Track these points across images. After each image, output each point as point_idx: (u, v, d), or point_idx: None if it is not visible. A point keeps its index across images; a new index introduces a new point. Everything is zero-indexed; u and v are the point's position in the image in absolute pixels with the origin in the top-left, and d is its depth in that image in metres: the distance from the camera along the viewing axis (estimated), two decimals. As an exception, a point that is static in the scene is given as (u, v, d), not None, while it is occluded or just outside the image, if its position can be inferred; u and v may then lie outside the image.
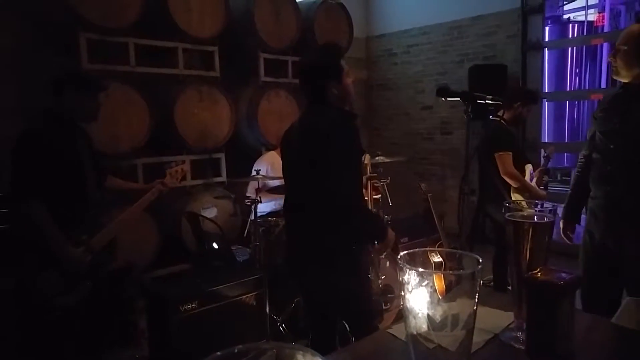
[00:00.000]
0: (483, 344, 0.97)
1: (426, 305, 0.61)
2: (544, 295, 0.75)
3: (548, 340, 0.74)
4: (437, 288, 0.62)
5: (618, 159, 2.02)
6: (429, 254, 0.72)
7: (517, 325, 0.98)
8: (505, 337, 1.00)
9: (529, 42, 5.38)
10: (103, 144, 3.47)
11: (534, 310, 0.77)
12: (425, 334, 0.62)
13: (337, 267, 1.93)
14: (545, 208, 1.01)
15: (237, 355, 0.43)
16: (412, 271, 0.61)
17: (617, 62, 2.03)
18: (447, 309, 0.61)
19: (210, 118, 4.15)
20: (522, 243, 0.94)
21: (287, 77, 4.82)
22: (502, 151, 3.37)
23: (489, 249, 3.84)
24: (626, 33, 2.02)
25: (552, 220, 0.95)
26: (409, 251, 0.68)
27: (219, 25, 4.20)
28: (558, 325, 0.72)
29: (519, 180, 3.36)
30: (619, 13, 7.63)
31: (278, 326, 3.13)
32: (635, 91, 2.02)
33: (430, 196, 3.91)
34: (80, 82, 2.37)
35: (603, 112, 2.13)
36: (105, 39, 3.59)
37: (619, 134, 2.01)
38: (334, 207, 1.89)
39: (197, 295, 2.65)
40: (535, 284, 0.76)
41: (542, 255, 0.94)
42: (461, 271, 0.62)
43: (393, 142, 6.71)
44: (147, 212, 3.69)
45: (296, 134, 2.05)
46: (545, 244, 0.95)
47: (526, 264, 0.93)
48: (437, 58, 6.19)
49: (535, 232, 0.93)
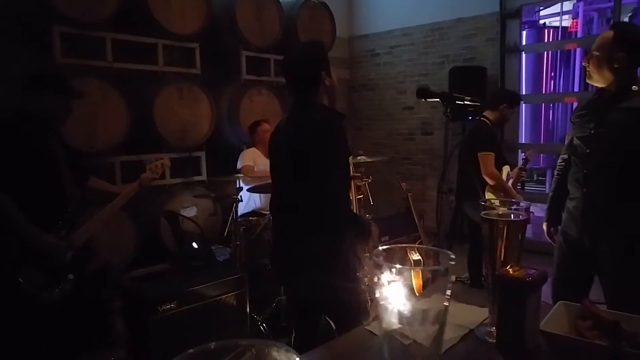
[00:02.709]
0: (459, 339, 0.99)
1: (399, 301, 0.62)
2: (513, 291, 0.77)
3: (517, 335, 0.75)
4: (414, 285, 0.63)
5: (594, 162, 2.10)
6: (408, 252, 0.73)
7: (491, 321, 1.00)
8: (480, 332, 1.02)
9: (507, 45, 5.48)
10: (78, 142, 3.41)
11: (504, 305, 0.79)
12: (400, 329, 0.62)
13: (324, 267, 1.93)
14: (520, 207, 1.03)
15: (214, 351, 0.43)
16: (386, 267, 0.62)
17: (590, 67, 2.10)
18: (419, 305, 0.62)
19: (191, 116, 4.11)
20: (496, 241, 0.96)
21: (270, 76, 4.81)
22: (485, 151, 3.43)
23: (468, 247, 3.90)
24: (600, 39, 2.09)
25: (526, 219, 0.97)
26: (385, 247, 0.68)
27: (200, 22, 4.17)
28: (526, 320, 0.74)
29: (498, 181, 3.41)
30: (591, 19, 7.86)
31: (259, 326, 3.13)
32: (608, 97, 2.09)
33: (411, 195, 3.95)
34: (61, 86, 2.33)
35: (579, 118, 2.20)
36: (81, 33, 3.52)
37: (594, 139, 2.09)
38: (321, 208, 1.90)
39: (176, 295, 2.63)
40: (504, 280, 0.78)
41: (515, 253, 0.96)
42: (433, 267, 0.63)
43: (375, 142, 6.75)
44: (125, 212, 3.65)
45: (284, 134, 2.05)
46: (518, 242, 0.97)
47: (500, 261, 0.95)
48: (418, 59, 6.25)
49: (509, 230, 0.96)
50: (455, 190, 3.89)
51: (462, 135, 5.59)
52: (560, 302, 0.96)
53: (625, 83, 2.04)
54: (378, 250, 0.66)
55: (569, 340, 0.82)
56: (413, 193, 4.02)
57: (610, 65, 2.02)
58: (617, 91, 2.06)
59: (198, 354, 0.42)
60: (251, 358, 0.43)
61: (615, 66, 2.01)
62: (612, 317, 0.84)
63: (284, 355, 0.42)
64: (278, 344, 0.43)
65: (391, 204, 5.58)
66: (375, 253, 0.66)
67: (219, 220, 4.18)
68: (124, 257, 3.68)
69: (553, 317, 0.89)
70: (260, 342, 0.44)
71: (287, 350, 0.42)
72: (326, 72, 2.00)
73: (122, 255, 3.66)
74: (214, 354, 0.43)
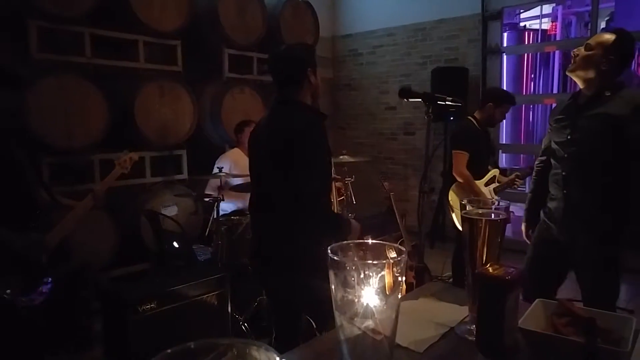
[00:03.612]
0: (439, 337, 1.00)
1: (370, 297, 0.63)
2: (493, 289, 0.77)
3: (496, 332, 0.76)
4: (385, 282, 0.64)
5: (571, 165, 2.17)
6: (386, 249, 0.73)
7: (472, 319, 1.01)
8: (460, 330, 1.03)
9: (489, 46, 5.55)
10: (55, 139, 3.35)
11: (484, 303, 0.80)
12: (357, 322, 0.64)
13: (304, 266, 1.93)
14: (500, 206, 1.04)
15: (194, 351, 0.43)
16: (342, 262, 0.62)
17: (579, 60, 2.12)
18: (390, 301, 0.62)
19: (172, 114, 4.06)
20: (476, 239, 0.97)
21: (252, 74, 4.78)
22: (458, 150, 3.45)
23: (450, 247, 3.93)
24: (598, 38, 2.12)
25: (505, 218, 0.99)
26: (353, 242, 0.69)
27: (182, 19, 4.12)
28: (505, 318, 0.75)
29: (467, 181, 3.42)
30: (570, 23, 8.04)
31: (240, 325, 3.11)
32: (583, 103, 2.15)
33: (393, 195, 3.97)
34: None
35: (556, 123, 2.26)
36: (59, 28, 3.45)
37: (570, 144, 2.16)
38: (301, 208, 1.89)
39: (156, 295, 2.59)
40: (483, 278, 0.79)
41: (495, 251, 0.97)
42: (381, 260, 0.64)
43: (358, 141, 6.77)
44: (104, 211, 3.59)
45: (264, 132, 2.04)
46: (497, 241, 0.98)
47: (480, 260, 0.96)
48: (401, 59, 6.29)
49: (489, 229, 0.97)
50: (441, 189, 3.91)
51: (443, 135, 5.64)
52: (538, 299, 0.98)
53: (602, 88, 2.09)
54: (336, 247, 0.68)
55: (546, 337, 0.84)
56: (395, 193, 4.04)
57: (598, 66, 2.07)
58: (592, 96, 2.11)
59: (177, 353, 0.42)
60: (232, 358, 0.43)
61: (602, 68, 2.06)
62: (588, 314, 0.86)
63: (264, 355, 0.41)
64: (258, 343, 0.43)
65: (373, 203, 5.60)
66: (334, 249, 0.67)
67: (200, 219, 4.15)
68: (104, 257, 3.62)
69: (531, 315, 0.91)
70: (240, 341, 0.43)
71: (267, 350, 0.42)
72: (312, 70, 2.01)
73: (101, 255, 3.60)
74: (194, 353, 0.43)
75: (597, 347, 0.71)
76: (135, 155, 2.88)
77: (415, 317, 1.09)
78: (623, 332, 0.83)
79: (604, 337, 0.77)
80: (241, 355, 0.43)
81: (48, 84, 3.33)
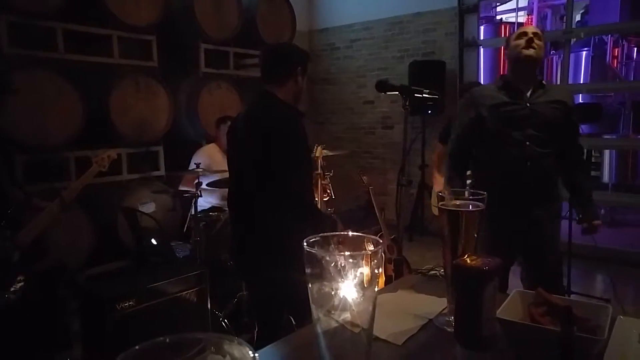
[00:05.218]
0: (418, 329, 1.00)
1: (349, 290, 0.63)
2: (470, 280, 0.78)
3: (474, 323, 0.77)
4: (363, 274, 0.64)
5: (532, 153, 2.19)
6: (365, 242, 0.73)
7: (450, 310, 1.01)
8: (439, 321, 1.03)
9: (466, 40, 5.60)
10: (28, 136, 3.28)
11: (461, 294, 0.80)
12: (334, 315, 0.63)
13: (284, 262, 1.92)
14: (477, 197, 1.05)
15: (169, 346, 0.42)
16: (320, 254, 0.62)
17: (540, 42, 2.16)
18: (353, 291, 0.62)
19: (148, 110, 4.00)
20: (453, 231, 0.98)
21: (229, 69, 4.73)
22: (440, 142, 3.51)
23: (428, 240, 3.97)
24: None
25: (482, 209, 0.99)
26: (330, 234, 0.69)
27: (157, 13, 4.05)
28: (483, 308, 0.76)
29: (438, 172, 3.52)
30: (545, 16, 8.17)
31: (220, 322, 3.09)
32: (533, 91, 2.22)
33: (372, 189, 3.99)
34: None
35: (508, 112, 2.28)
36: (30, 23, 3.36)
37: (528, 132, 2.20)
38: (282, 202, 1.88)
39: (134, 292, 2.55)
40: (461, 269, 0.79)
41: (472, 243, 0.98)
42: (358, 252, 0.64)
43: (336, 136, 6.77)
44: (80, 208, 3.52)
45: (243, 128, 2.02)
46: (475, 232, 0.99)
47: (458, 251, 0.97)
48: (378, 53, 6.30)
49: (466, 220, 0.97)
50: (419, 182, 3.96)
51: (421, 128, 5.69)
52: (515, 290, 0.99)
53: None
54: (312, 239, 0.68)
55: (524, 326, 0.85)
56: (374, 186, 4.06)
57: None
58: (538, 84, 2.21)
59: (145, 350, 0.41)
60: (210, 354, 0.42)
61: None
62: (564, 303, 0.87)
63: (237, 350, 0.41)
64: (230, 337, 0.42)
65: (352, 197, 5.62)
66: (309, 242, 0.67)
67: (178, 215, 4.10)
68: (81, 255, 3.56)
69: (509, 305, 0.92)
70: (214, 335, 0.42)
71: (240, 344, 0.41)
72: (301, 71, 2.03)
73: (78, 253, 3.54)
74: (167, 348, 0.42)
75: (573, 335, 0.72)
76: (114, 153, 2.83)
77: (394, 310, 1.09)
78: (599, 320, 0.85)
79: (580, 325, 0.79)
80: (217, 351, 0.42)
81: (20, 80, 3.23)
